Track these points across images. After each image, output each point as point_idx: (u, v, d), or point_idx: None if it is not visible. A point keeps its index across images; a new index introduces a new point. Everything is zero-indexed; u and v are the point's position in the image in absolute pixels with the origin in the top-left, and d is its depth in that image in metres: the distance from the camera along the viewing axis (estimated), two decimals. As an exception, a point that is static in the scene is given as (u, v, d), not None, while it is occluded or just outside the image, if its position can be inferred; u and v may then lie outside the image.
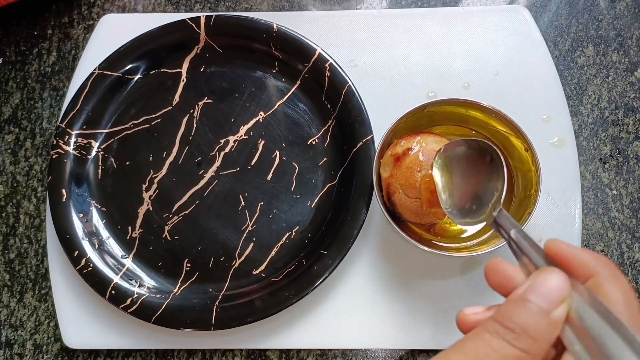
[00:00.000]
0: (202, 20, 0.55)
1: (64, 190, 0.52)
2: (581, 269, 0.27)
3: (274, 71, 0.55)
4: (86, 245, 0.51)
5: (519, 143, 0.47)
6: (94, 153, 0.54)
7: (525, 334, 0.24)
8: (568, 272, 0.26)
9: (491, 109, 0.46)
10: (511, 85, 0.55)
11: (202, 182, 0.53)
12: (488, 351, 0.24)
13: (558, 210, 0.51)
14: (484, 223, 0.37)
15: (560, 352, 0.26)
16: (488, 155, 0.39)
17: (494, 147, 0.39)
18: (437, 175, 0.42)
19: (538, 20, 0.58)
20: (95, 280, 0.49)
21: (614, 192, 0.54)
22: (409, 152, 0.45)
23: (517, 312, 0.24)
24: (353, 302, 0.50)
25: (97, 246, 0.51)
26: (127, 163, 0.54)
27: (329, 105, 0.53)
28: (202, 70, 0.56)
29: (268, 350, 0.51)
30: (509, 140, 0.48)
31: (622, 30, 0.58)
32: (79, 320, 0.51)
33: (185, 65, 0.56)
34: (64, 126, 0.53)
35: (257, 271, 0.51)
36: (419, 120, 0.49)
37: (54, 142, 0.53)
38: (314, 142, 0.53)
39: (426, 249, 0.44)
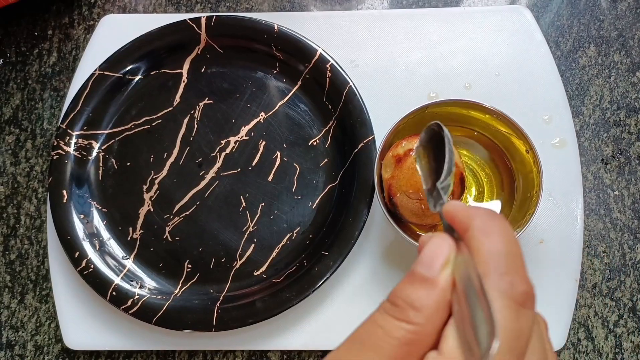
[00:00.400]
0: (203, 20, 0.55)
1: (64, 191, 0.52)
2: (459, 225, 0.24)
3: (275, 72, 0.55)
4: (87, 246, 0.51)
5: (521, 144, 0.47)
6: (94, 154, 0.54)
7: (408, 306, 0.22)
8: (459, 233, 0.24)
9: (493, 109, 0.46)
10: (512, 86, 0.54)
11: (203, 183, 0.53)
12: (377, 331, 0.22)
13: (560, 211, 0.51)
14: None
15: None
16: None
17: (441, 125, 0.35)
18: (418, 164, 0.39)
19: (539, 20, 0.58)
20: (96, 282, 0.49)
21: (616, 192, 0.53)
22: (410, 153, 0.45)
23: (405, 285, 0.23)
24: (354, 303, 0.50)
25: (97, 247, 0.51)
26: (128, 164, 0.54)
27: (330, 106, 0.53)
28: (202, 70, 0.56)
29: (269, 351, 0.51)
30: (510, 141, 0.48)
31: (624, 30, 0.58)
32: (80, 322, 0.51)
33: (186, 66, 0.56)
34: (64, 127, 0.53)
35: (258, 272, 0.51)
36: (422, 121, 0.49)
37: (55, 143, 0.53)
38: (315, 143, 0.53)
39: None
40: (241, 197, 0.52)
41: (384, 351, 0.22)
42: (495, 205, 0.49)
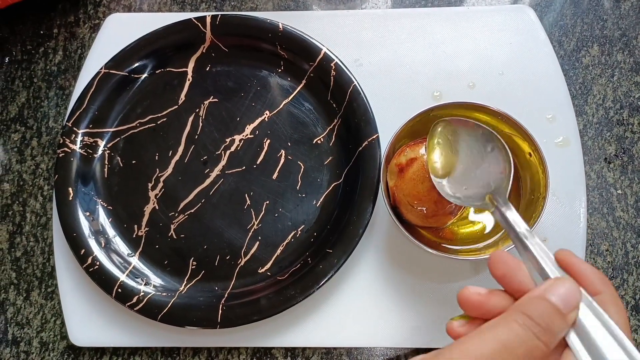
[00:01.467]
0: (208, 19, 0.55)
1: (70, 189, 0.52)
2: (590, 286, 0.30)
3: (280, 70, 0.55)
4: (92, 243, 0.51)
5: (526, 145, 0.47)
6: (100, 152, 0.54)
7: (550, 330, 0.27)
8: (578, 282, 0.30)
9: (497, 111, 0.46)
10: (516, 85, 0.55)
11: (207, 181, 0.53)
12: (518, 339, 0.27)
13: (563, 210, 0.51)
14: (484, 210, 0.39)
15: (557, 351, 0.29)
16: (490, 144, 0.41)
17: (498, 137, 0.40)
18: (433, 145, 0.42)
19: (543, 20, 0.58)
20: (101, 279, 0.50)
21: (619, 191, 0.54)
22: (412, 163, 0.45)
23: (542, 309, 0.28)
24: (358, 301, 0.50)
25: (103, 244, 0.51)
26: (133, 162, 0.54)
27: (334, 105, 0.54)
28: (207, 69, 0.56)
29: (273, 348, 0.51)
30: (515, 142, 0.48)
31: (627, 30, 0.58)
32: (85, 318, 0.51)
33: (191, 65, 0.56)
34: (70, 125, 0.53)
35: (263, 270, 0.51)
36: (426, 124, 0.49)
37: (61, 141, 0.53)
38: (319, 141, 0.54)
39: (434, 252, 0.45)
40: (246, 195, 0.53)
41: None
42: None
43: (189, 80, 0.56)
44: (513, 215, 0.36)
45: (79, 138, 0.53)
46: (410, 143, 0.47)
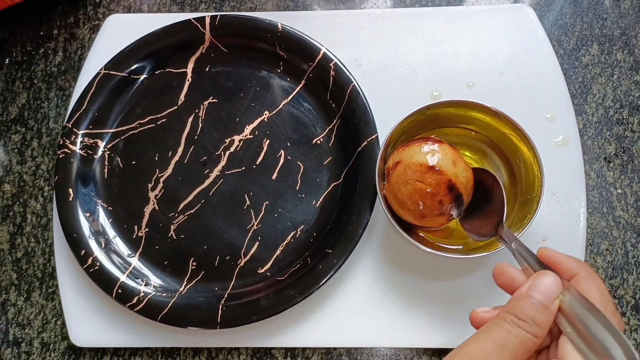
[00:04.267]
0: (207, 20, 0.55)
1: (70, 190, 0.52)
2: (566, 271, 0.35)
3: (279, 71, 0.55)
4: (93, 244, 0.51)
5: (522, 145, 0.47)
6: (100, 153, 0.54)
7: (534, 323, 0.32)
8: (557, 273, 0.34)
9: (494, 110, 0.46)
10: (516, 84, 0.55)
11: (207, 182, 0.53)
12: (509, 335, 0.32)
13: (562, 210, 0.51)
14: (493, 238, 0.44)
15: (554, 337, 0.34)
16: (490, 180, 0.45)
17: (493, 174, 0.45)
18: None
19: (542, 19, 0.58)
20: (101, 279, 0.50)
21: (619, 191, 0.54)
22: (397, 166, 0.45)
23: (526, 306, 0.32)
24: (358, 301, 0.50)
25: (103, 245, 0.51)
26: (133, 162, 0.54)
27: (333, 105, 0.54)
28: (207, 70, 0.56)
29: (273, 348, 0.51)
30: (511, 141, 0.48)
31: (627, 28, 0.58)
32: (86, 319, 0.52)
33: (191, 65, 0.56)
34: (70, 126, 0.53)
35: (263, 270, 0.51)
36: (423, 122, 0.49)
37: (61, 142, 0.53)
38: (318, 142, 0.54)
39: (431, 251, 0.45)
40: (245, 195, 0.53)
41: (518, 353, 0.31)
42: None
43: (188, 80, 0.56)
44: (508, 236, 0.41)
45: (79, 139, 0.53)
46: (400, 146, 0.47)
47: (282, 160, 0.53)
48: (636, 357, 0.28)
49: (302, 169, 0.53)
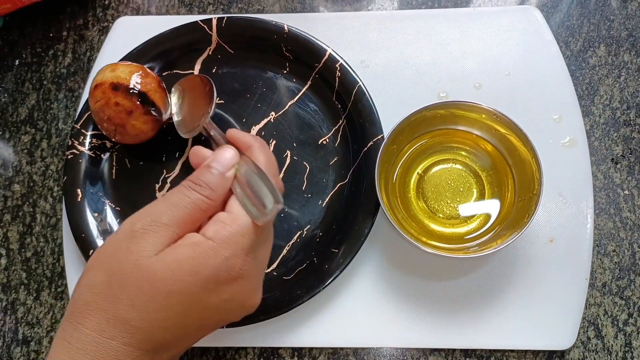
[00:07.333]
0: (214, 22, 0.55)
1: (79, 190, 0.53)
2: (244, 145, 0.41)
3: (285, 72, 0.56)
4: (101, 244, 0.51)
5: (520, 144, 0.47)
6: (108, 153, 0.55)
7: (208, 186, 0.35)
8: (239, 149, 0.39)
9: (492, 110, 0.47)
10: (523, 86, 0.55)
11: (214, 182, 0.53)
12: (184, 197, 0.35)
13: (570, 210, 0.51)
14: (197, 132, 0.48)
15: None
16: (207, 86, 0.50)
17: (205, 77, 0.50)
18: (173, 100, 0.52)
19: (549, 20, 0.58)
20: (109, 278, 0.50)
21: (626, 192, 0.53)
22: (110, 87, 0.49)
23: (204, 173, 0.36)
24: (364, 301, 0.51)
25: (111, 245, 0.52)
26: (141, 163, 0.54)
27: (339, 105, 0.54)
28: (214, 71, 0.56)
29: (280, 348, 0.51)
30: (510, 141, 0.48)
31: (634, 30, 0.58)
32: (94, 318, 0.52)
33: (198, 67, 0.56)
34: (79, 127, 0.54)
35: (269, 269, 0.51)
36: (423, 122, 0.50)
37: (69, 143, 0.53)
38: (324, 142, 0.54)
39: (430, 251, 0.45)
40: (252, 195, 0.53)
41: (190, 211, 0.35)
42: (494, 206, 0.50)
43: (196, 82, 0.56)
44: (208, 126, 0.46)
45: (88, 140, 0.54)
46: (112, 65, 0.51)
47: (288, 161, 0.54)
48: (280, 200, 0.35)
49: (308, 169, 0.53)
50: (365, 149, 0.51)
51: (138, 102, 0.49)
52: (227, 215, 0.35)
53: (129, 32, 0.59)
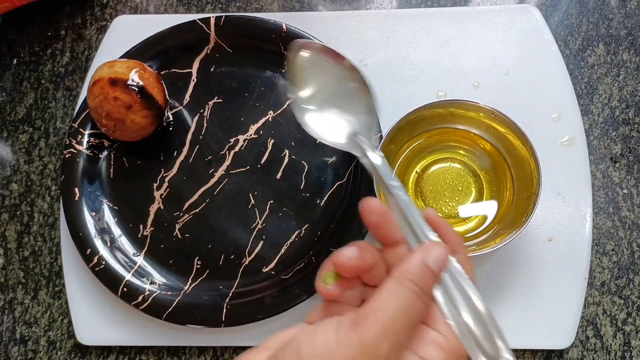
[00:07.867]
0: (212, 20, 0.55)
1: (76, 189, 0.52)
2: (454, 245, 0.33)
3: (284, 71, 0.56)
4: (98, 243, 0.51)
5: (519, 143, 0.47)
6: (105, 152, 0.55)
7: (428, 291, 0.30)
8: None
9: (490, 109, 0.46)
10: (521, 85, 0.54)
11: (212, 181, 0.53)
12: (410, 302, 0.29)
13: (568, 209, 0.51)
14: (346, 148, 0.39)
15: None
16: (355, 82, 0.40)
17: (361, 74, 0.39)
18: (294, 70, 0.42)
19: (548, 19, 0.58)
20: (107, 278, 0.50)
21: (625, 191, 0.53)
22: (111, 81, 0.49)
23: (423, 275, 0.30)
24: (362, 301, 0.50)
25: (109, 244, 0.52)
26: (139, 162, 0.54)
27: (338, 105, 0.54)
28: (212, 70, 0.56)
29: (278, 347, 0.51)
30: (508, 140, 0.48)
31: (633, 29, 0.58)
32: (92, 317, 0.52)
33: (196, 66, 0.56)
34: (76, 126, 0.54)
35: (267, 269, 0.51)
36: (422, 121, 0.50)
37: (67, 142, 0.53)
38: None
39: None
40: (250, 194, 0.53)
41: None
42: (492, 205, 0.49)
43: (193, 81, 0.56)
44: (380, 163, 0.36)
45: (85, 139, 0.54)
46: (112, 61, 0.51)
47: (286, 160, 0.53)
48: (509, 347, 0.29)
49: (306, 168, 0.53)
50: (364, 148, 0.51)
51: (137, 96, 0.49)
52: (445, 340, 0.30)
53: (127, 31, 0.59)
